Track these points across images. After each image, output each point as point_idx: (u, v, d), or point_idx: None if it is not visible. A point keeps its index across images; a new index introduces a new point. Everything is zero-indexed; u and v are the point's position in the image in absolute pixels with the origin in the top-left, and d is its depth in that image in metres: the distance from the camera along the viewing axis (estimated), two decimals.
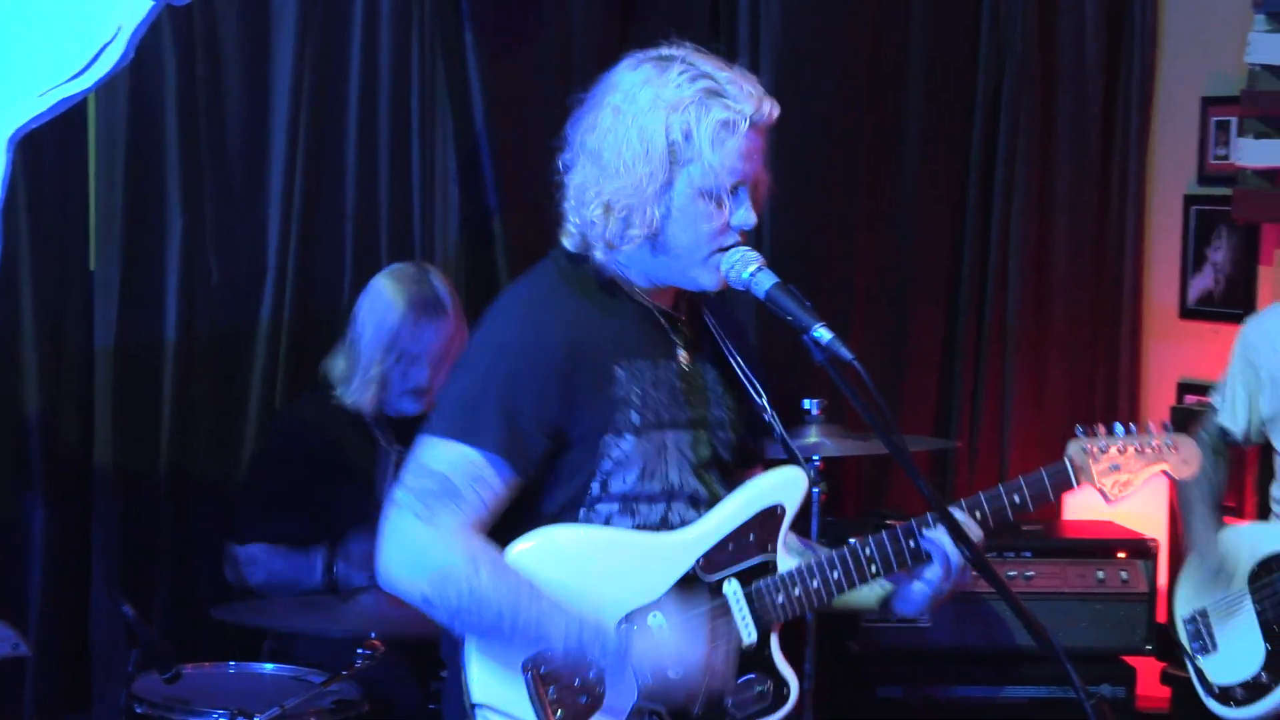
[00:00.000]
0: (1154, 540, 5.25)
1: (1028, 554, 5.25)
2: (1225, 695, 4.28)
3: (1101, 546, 5.26)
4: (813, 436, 4.79)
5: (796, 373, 4.06)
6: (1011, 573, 5.19)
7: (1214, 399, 4.48)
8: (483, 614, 2.90)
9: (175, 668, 4.03)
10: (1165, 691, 5.25)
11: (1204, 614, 4.37)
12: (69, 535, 4.79)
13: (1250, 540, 4.34)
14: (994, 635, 5.17)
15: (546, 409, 2.95)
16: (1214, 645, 4.30)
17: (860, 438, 4.83)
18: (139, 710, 3.98)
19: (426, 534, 2.91)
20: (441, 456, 2.95)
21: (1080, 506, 5.58)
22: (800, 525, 4.58)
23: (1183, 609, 4.41)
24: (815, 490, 4.65)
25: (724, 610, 3.05)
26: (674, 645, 2.97)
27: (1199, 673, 4.33)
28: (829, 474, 4.87)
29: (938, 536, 3.09)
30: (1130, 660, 5.24)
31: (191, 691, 4.05)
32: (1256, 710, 4.23)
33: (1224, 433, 4.44)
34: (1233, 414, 4.40)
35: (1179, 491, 4.44)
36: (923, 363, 5.96)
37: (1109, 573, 5.20)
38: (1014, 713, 5.20)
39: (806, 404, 4.83)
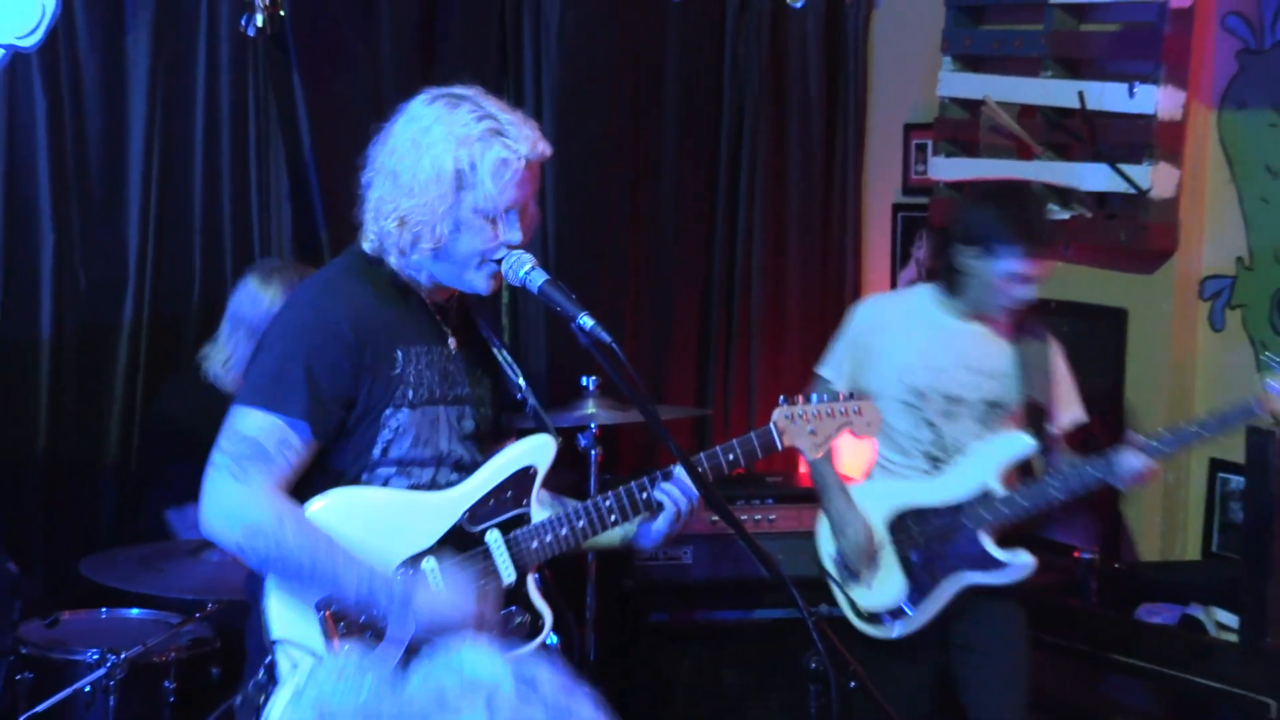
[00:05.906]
0: None
1: (770, 500, 5.35)
2: (872, 618, 4.39)
3: None
4: (590, 408, 4.85)
5: (580, 354, 4.10)
6: (757, 516, 5.29)
7: (822, 371, 4.51)
8: (287, 563, 2.94)
9: (54, 614, 4.11)
10: None
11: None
12: None
13: (883, 494, 4.42)
14: (743, 568, 5.24)
15: (340, 381, 2.98)
16: (858, 578, 4.40)
17: (629, 408, 4.84)
18: (25, 651, 4.04)
19: (240, 492, 2.93)
20: (253, 423, 2.96)
21: None
22: (579, 483, 4.74)
23: (829, 547, 4.48)
24: (593, 453, 4.81)
25: (486, 555, 3.10)
26: (447, 596, 3.00)
27: (848, 599, 4.43)
28: (606, 440, 4.91)
29: (668, 489, 3.17)
30: None
31: (69, 634, 4.13)
32: (899, 630, 4.36)
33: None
34: (838, 384, 4.41)
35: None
36: (684, 346, 6.05)
37: None
38: (761, 631, 5.28)
39: (584, 380, 4.89)
